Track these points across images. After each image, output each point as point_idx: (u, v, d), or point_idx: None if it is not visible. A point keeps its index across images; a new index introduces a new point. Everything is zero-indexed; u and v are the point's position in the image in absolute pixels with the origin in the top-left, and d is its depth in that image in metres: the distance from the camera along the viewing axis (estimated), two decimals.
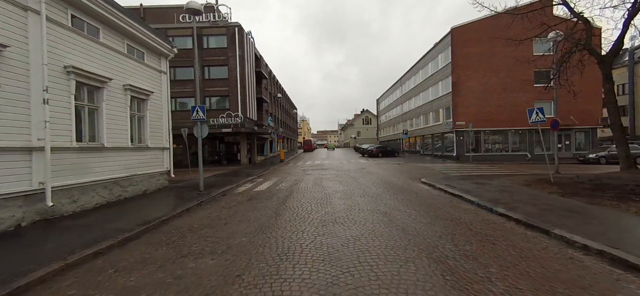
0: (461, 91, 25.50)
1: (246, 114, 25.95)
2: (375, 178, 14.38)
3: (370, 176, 15.11)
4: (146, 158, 11.22)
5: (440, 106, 29.23)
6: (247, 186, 12.67)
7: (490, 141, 26.12)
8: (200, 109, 10.82)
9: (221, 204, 8.92)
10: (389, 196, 9.36)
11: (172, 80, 25.61)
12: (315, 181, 13.49)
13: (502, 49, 25.24)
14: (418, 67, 35.62)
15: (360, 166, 21.15)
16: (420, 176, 14.63)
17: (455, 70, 25.55)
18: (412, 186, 11.55)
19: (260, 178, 15.53)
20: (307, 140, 60.34)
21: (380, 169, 18.45)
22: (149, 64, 11.58)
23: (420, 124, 35.42)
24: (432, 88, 31.10)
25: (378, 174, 15.70)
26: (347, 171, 17.50)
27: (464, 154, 25.58)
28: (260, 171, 19.02)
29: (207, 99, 25.91)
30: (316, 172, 17.68)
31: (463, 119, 25.32)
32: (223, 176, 16.64)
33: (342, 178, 14.44)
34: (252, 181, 14.62)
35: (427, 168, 18.87)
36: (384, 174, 15.72)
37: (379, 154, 33.27)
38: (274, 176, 16.15)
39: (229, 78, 25.50)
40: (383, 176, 15.12)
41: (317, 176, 15.67)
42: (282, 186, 12.05)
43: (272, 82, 40.62)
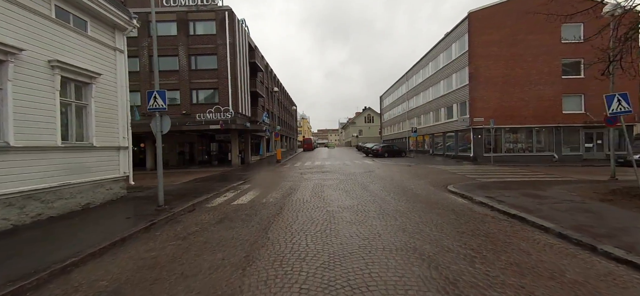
0: (479, 83, 22.66)
1: (238, 109, 23.17)
2: (388, 184, 11.58)
3: (381, 181, 12.32)
4: (90, 161, 8.44)
5: (453, 101, 26.40)
6: (227, 197, 9.89)
7: (512, 139, 23.29)
8: (160, 95, 8.01)
9: (177, 230, 6.14)
10: (418, 217, 6.56)
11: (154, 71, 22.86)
12: (315, 189, 10.70)
13: (525, 37, 22.43)
14: (428, 59, 32.76)
15: (366, 168, 18.37)
16: (443, 182, 11.85)
17: (473, 60, 22.72)
18: (441, 198, 8.75)
19: (248, 184, 12.75)
20: (307, 139, 57.57)
21: (391, 172, 15.66)
22: (95, 37, 8.79)
23: (430, 121, 32.58)
24: (445, 81, 28.26)
25: (391, 179, 12.91)
26: (353, 175, 14.72)
27: (482, 154, 22.76)
28: (250, 175, 16.25)
29: (194, 93, 23.13)
30: (316, 176, 14.90)
31: (482, 115, 22.48)
32: (204, 182, 13.86)
33: (348, 184, 11.65)
34: (236, 188, 11.83)
35: (446, 171, 16.06)
36: (398, 179, 12.93)
37: (384, 154, 30.51)
38: (265, 181, 13.38)
39: (218, 69, 22.71)
40: (397, 181, 12.33)
41: (317, 181, 12.89)
42: (271, 198, 9.27)
43: (269, 76, 37.81)
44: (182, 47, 22.57)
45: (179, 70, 22.68)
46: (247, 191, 10.97)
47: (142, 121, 22.27)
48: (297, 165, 22.57)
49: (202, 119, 21.50)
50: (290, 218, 6.63)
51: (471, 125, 22.71)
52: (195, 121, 21.71)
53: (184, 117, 22.35)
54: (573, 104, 22.73)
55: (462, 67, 24.45)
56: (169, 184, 13.46)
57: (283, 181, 13.22)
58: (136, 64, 22.60)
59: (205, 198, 9.47)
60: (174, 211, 7.68)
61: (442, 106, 29.11)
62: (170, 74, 22.78)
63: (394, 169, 17.74)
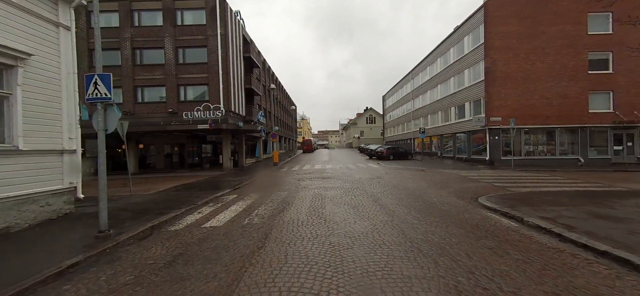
0: (497, 79, 20.52)
1: (230, 107, 21.06)
2: (404, 195, 9.43)
3: (394, 191, 10.16)
4: (13, 170, 6.31)
5: (465, 99, 24.25)
6: (203, 213, 7.74)
7: (532, 141, 21.12)
8: (102, 81, 5.86)
9: (100, 281, 4.00)
10: (464, 255, 4.42)
11: (137, 65, 20.82)
12: (314, 202, 8.55)
13: (548, 28, 20.31)
14: (436, 54, 30.64)
15: (372, 173, 16.22)
16: (469, 193, 9.71)
17: (490, 53, 20.57)
18: (479, 218, 6.60)
19: (234, 195, 10.60)
20: (307, 140, 55.45)
21: (402, 179, 13.51)
22: (24, 6, 6.66)
23: (438, 121, 30.43)
24: (455, 78, 26.13)
25: (405, 188, 10.76)
26: (358, 182, 12.57)
27: (499, 157, 20.60)
28: (240, 181, 14.11)
29: (182, 89, 21.01)
30: (315, 183, 12.76)
31: (499, 114, 20.34)
32: (184, 190, 11.71)
33: (355, 196, 9.49)
34: (219, 199, 9.68)
35: (466, 178, 13.90)
36: (414, 188, 10.77)
37: (389, 157, 28.36)
38: (255, 190, 11.23)
39: (208, 62, 20.61)
40: (413, 191, 10.17)
41: (316, 190, 10.74)
42: (256, 217, 7.12)
43: (267, 73, 35.72)
44: (168, 39, 20.48)
45: (165, 64, 20.58)
46: (230, 204, 8.82)
47: (123, 120, 20.16)
48: (295, 169, 20.44)
49: (190, 118, 19.38)
50: (276, 260, 4.46)
51: (487, 125, 20.56)
52: (182, 120, 19.59)
53: (171, 116, 20.25)
54: (600, 102, 20.56)
55: (476, 61, 22.31)
56: (142, 192, 11.35)
57: (277, 190, 11.07)
58: (117, 57, 20.51)
59: (173, 216, 7.32)
60: (120, 238, 5.55)
61: (452, 104, 26.96)
62: (155, 68, 20.68)
63: (405, 175, 15.58)
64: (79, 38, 20.05)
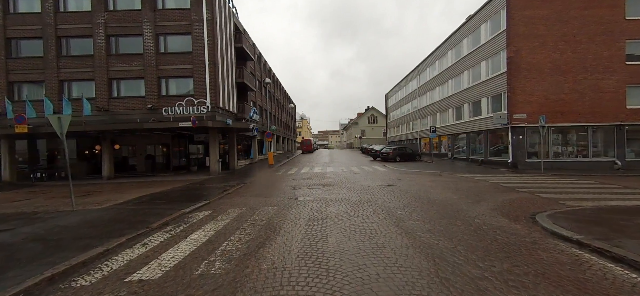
0: (521, 71, 18.02)
1: (218, 102, 18.59)
2: (433, 214, 6.93)
3: (419, 207, 7.64)
4: None
5: (482, 95, 21.77)
6: (148, 247, 5.25)
7: (561, 141, 18.63)
8: None
9: None
10: None
11: (112, 54, 18.33)
12: (311, 229, 6.06)
13: (580, 12, 17.85)
14: (446, 47, 28.15)
15: (382, 178, 13.71)
16: (517, 208, 7.27)
17: (513, 41, 18.07)
18: (565, 260, 4.12)
19: (207, 210, 8.10)
20: (306, 140, 52.91)
21: (421, 187, 10.98)
22: None
23: (448, 119, 27.94)
24: (469, 72, 23.64)
25: (430, 202, 8.25)
26: (367, 191, 10.06)
27: (523, 160, 18.11)
28: (224, 188, 11.61)
29: (163, 82, 18.53)
30: (314, 193, 10.25)
31: (524, 111, 17.87)
32: (144, 204, 9.21)
33: (368, 216, 6.98)
34: (181, 220, 7.18)
35: (497, 187, 11.40)
36: (442, 201, 8.26)
37: (396, 158, 25.84)
38: (237, 204, 8.73)
39: (193, 52, 18.13)
40: (443, 206, 7.66)
41: (315, 205, 8.25)
42: (219, 260, 4.63)
43: (263, 68, 33.24)
44: (147, 25, 17.99)
45: (143, 53, 18.08)
46: (195, 228, 6.33)
47: (97, 117, 17.73)
48: (291, 172, 17.96)
49: (170, 115, 16.89)
50: None
51: (510, 123, 18.06)
52: (162, 117, 17.11)
53: (150, 112, 17.78)
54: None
55: (496, 51, 19.82)
56: (92, 206, 8.88)
57: (264, 204, 8.58)
58: (89, 45, 18.04)
59: (99, 253, 4.85)
60: None
61: (465, 101, 24.47)
62: (132, 58, 18.18)
63: (422, 181, 13.08)
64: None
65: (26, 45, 18.25)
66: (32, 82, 18.31)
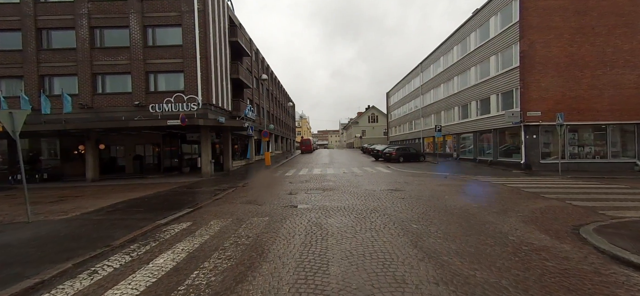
0: (535, 65, 16.81)
1: (211, 99, 17.36)
2: (456, 228, 5.70)
3: (436, 218, 6.42)
4: None
5: (491, 91, 20.56)
6: (96, 278, 4.03)
7: (578, 141, 17.43)
8: None
9: None
10: None
11: (96, 48, 17.09)
12: (308, 250, 4.83)
13: (598, 3, 16.67)
14: (451, 43, 26.93)
15: (387, 181, 12.48)
16: (551, 220, 6.06)
17: (527, 34, 16.86)
18: None
19: (187, 222, 6.87)
20: (306, 139, 51.67)
21: (433, 192, 9.74)
22: None
23: (454, 118, 26.74)
24: (477, 67, 22.44)
25: (448, 212, 7.01)
26: (373, 197, 8.83)
27: (538, 160, 16.90)
28: (213, 193, 10.39)
29: (152, 77, 17.30)
30: (313, 198, 9.02)
31: (538, 108, 16.68)
32: (116, 213, 7.98)
33: (377, 232, 5.75)
34: (152, 235, 5.94)
35: (520, 193, 10.20)
36: (461, 210, 7.02)
37: (399, 159, 24.65)
38: (223, 213, 7.50)
39: (183, 45, 16.90)
40: (465, 216, 6.44)
41: (313, 215, 7.02)
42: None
43: (260, 64, 32.00)
44: (134, 16, 16.75)
45: (130, 46, 16.84)
46: (165, 248, 5.12)
47: (80, 115, 16.50)
48: (289, 174, 16.74)
49: (157, 112, 15.66)
50: None
51: (524, 121, 16.85)
52: (149, 115, 15.89)
53: (137, 110, 16.55)
54: None
55: (507, 45, 18.61)
56: (55, 216, 7.69)
57: (254, 214, 7.37)
58: (71, 38, 16.79)
59: (18, 292, 3.63)
60: None
61: (472, 98, 23.27)
62: (118, 51, 16.94)
63: (431, 185, 11.86)
64: None
65: (3, 37, 16.97)
66: (9, 77, 17.06)
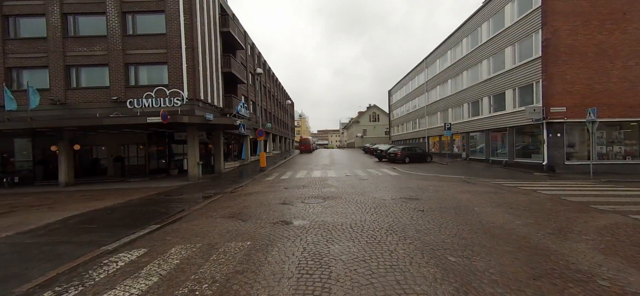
0: (560, 55, 15.09)
1: (198, 94, 15.62)
2: (514, 262, 3.93)
3: (476, 241, 4.67)
4: None
5: (507, 85, 18.83)
6: None
7: (606, 139, 15.70)
8: None
9: None
10: None
11: (69, 37, 15.33)
12: None
13: None
14: (460, 35, 25.20)
15: (400, 189, 10.70)
16: (636, 245, 4.26)
17: (551, 20, 15.13)
18: None
19: (139, 250, 5.10)
20: (305, 139, 49.93)
21: (458, 201, 7.98)
22: None
23: (463, 115, 25.01)
24: (490, 60, 20.71)
25: (486, 230, 5.25)
26: (386, 209, 7.06)
27: (562, 162, 15.19)
28: (193, 202, 8.64)
29: (132, 70, 15.56)
30: (311, 210, 7.24)
31: (563, 103, 14.97)
32: (56, 233, 6.22)
33: (405, 272, 3.97)
34: (74, 278, 4.18)
35: (559, 200, 8.47)
36: (505, 228, 5.26)
37: (405, 159, 22.95)
38: (191, 236, 5.73)
39: (167, 34, 15.17)
40: (515, 241, 4.67)
41: (311, 241, 5.22)
42: None
43: (257, 59, 30.24)
44: (111, 1, 15.00)
45: (107, 36, 15.10)
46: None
47: (52, 112, 14.76)
48: (285, 177, 15.01)
49: (136, 108, 13.91)
50: None
51: (547, 118, 15.11)
52: (126, 111, 14.14)
53: (116, 106, 14.82)
54: None
55: (525, 35, 16.88)
56: None
57: (231, 238, 5.61)
58: (41, 26, 15.05)
59: None
60: None
61: (484, 94, 21.54)
62: (94, 41, 15.20)
63: (452, 192, 10.11)
64: None
65: None
66: None
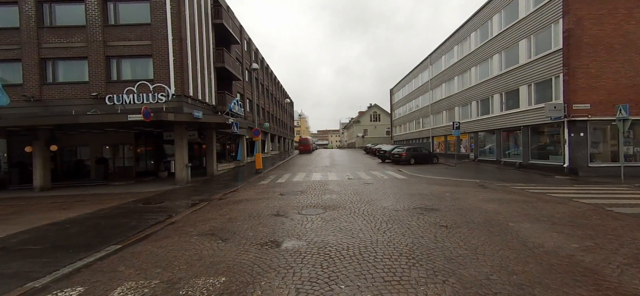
0: (583, 46, 13.75)
1: (186, 90, 14.29)
2: None
3: (536, 281, 3.35)
4: None
5: (521, 82, 17.49)
6: None
7: (633, 139, 14.36)
8: None
9: None
10: None
11: (44, 27, 13.98)
12: None
13: None
14: (468, 29, 23.85)
15: (412, 196, 9.32)
16: None
17: (573, 7, 13.78)
18: None
19: (74, 288, 3.75)
20: (304, 139, 48.56)
21: (490, 217, 6.63)
22: None
23: (470, 114, 23.68)
24: (501, 54, 19.37)
25: (540, 259, 3.89)
26: (402, 226, 5.72)
27: (585, 164, 13.85)
28: (177, 210, 7.28)
29: (113, 63, 14.21)
30: (309, 226, 5.89)
31: (587, 99, 13.65)
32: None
33: None
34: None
35: (604, 211, 7.13)
36: (561, 254, 3.91)
37: (410, 160, 21.63)
38: (150, 264, 4.37)
39: (152, 23, 13.83)
40: (589, 278, 3.35)
41: (306, 275, 3.84)
42: None
43: (253, 55, 28.89)
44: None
45: (86, 26, 13.76)
46: None
47: (26, 109, 13.42)
48: (281, 181, 13.67)
49: (117, 105, 12.56)
50: None
51: (569, 115, 13.77)
52: (106, 108, 12.80)
53: (96, 103, 13.48)
54: None
55: (543, 25, 15.54)
56: None
57: (196, 275, 4.24)
58: (14, 15, 13.69)
59: None
60: None
61: (495, 91, 20.20)
62: (72, 32, 13.85)
63: (474, 201, 8.76)
64: None
65: None
66: None
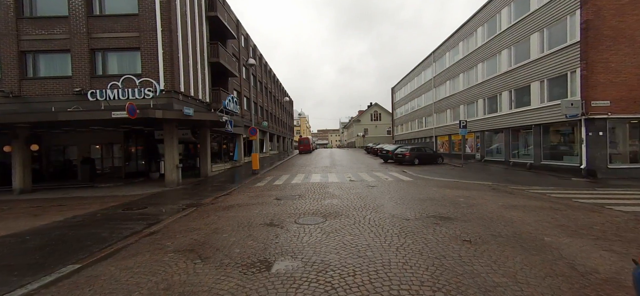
0: (603, 39, 12.81)
1: (176, 86, 13.34)
2: None
3: None
4: None
5: (532, 78, 16.55)
6: None
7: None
8: None
9: None
10: None
11: (24, 17, 13.01)
12: None
13: None
14: (474, 24, 22.91)
15: (424, 203, 8.36)
16: None
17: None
18: None
19: None
20: (304, 139, 47.61)
21: (522, 230, 5.69)
22: None
23: (477, 113, 22.74)
24: (511, 50, 18.42)
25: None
26: (419, 241, 4.79)
27: (604, 165, 12.92)
28: (158, 218, 6.35)
29: (98, 56, 13.26)
30: (306, 240, 4.95)
31: (606, 96, 12.72)
32: None
33: None
34: None
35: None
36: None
37: (414, 161, 20.72)
38: (112, 292, 3.49)
39: (139, 14, 12.88)
40: None
41: None
42: None
43: (250, 51, 27.92)
44: None
45: (69, 16, 12.81)
46: None
47: (2, 106, 12.48)
48: (278, 183, 12.73)
49: (100, 101, 11.61)
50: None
51: (588, 113, 12.84)
52: (89, 105, 11.85)
53: (80, 98, 12.53)
54: None
55: (557, 17, 14.61)
56: None
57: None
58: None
59: None
60: None
61: (503, 88, 19.26)
62: (53, 23, 12.90)
63: (495, 208, 7.83)
64: None
65: None
66: None
